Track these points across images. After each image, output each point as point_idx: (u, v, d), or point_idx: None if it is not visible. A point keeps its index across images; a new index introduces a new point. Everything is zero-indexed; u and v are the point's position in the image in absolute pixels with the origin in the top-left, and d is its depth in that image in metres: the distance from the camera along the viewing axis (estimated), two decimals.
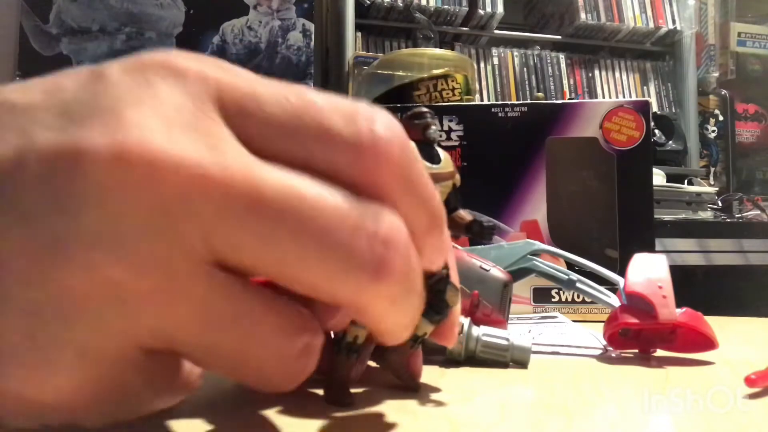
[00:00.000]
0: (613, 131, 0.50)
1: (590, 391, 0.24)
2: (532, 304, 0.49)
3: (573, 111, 0.51)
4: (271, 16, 1.47)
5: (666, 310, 0.30)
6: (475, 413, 0.22)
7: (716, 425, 0.21)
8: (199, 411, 0.20)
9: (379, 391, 0.23)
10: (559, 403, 0.23)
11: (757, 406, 0.23)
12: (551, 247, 0.41)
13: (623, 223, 0.50)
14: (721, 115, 1.88)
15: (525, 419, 0.21)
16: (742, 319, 0.46)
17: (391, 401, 0.22)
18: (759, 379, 0.24)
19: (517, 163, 0.51)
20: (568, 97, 1.70)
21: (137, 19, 1.38)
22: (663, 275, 0.31)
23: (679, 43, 1.82)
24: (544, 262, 0.39)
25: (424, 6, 1.60)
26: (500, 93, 1.69)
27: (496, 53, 1.72)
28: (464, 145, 0.51)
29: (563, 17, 1.77)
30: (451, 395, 0.23)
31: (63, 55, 1.33)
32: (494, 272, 0.35)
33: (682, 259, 1.16)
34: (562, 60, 1.76)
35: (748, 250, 1.20)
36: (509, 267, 0.38)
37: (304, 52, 1.47)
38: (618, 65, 1.81)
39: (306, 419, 0.20)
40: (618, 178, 0.50)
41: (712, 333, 0.31)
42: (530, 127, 0.51)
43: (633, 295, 0.31)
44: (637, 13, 1.76)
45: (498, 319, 0.32)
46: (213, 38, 1.42)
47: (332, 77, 1.57)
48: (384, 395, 0.23)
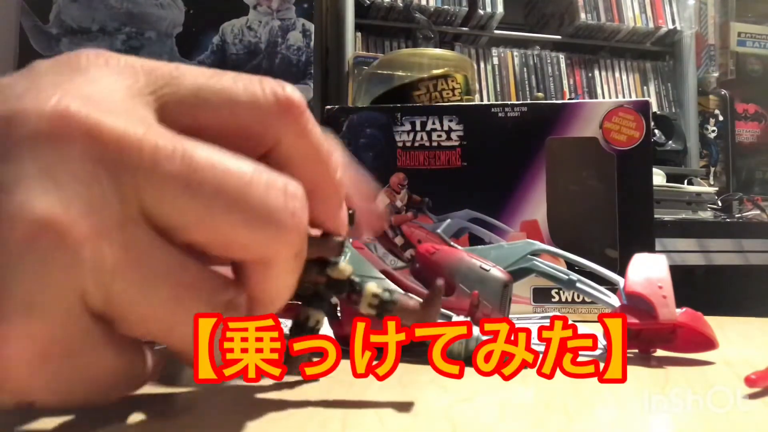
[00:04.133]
0: (613, 131, 0.50)
1: (590, 391, 0.24)
2: (532, 304, 0.49)
3: (573, 111, 0.51)
4: (271, 16, 1.47)
5: (666, 310, 0.30)
6: (475, 413, 0.22)
7: (716, 425, 0.21)
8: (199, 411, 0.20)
9: (379, 391, 0.23)
10: (559, 403, 0.23)
11: (757, 406, 0.23)
12: (551, 247, 0.41)
13: (623, 223, 0.50)
14: (721, 115, 1.88)
15: (525, 419, 0.21)
16: (742, 319, 0.46)
17: (391, 401, 0.22)
18: (759, 379, 0.24)
19: (517, 163, 0.51)
20: (568, 97, 1.70)
21: (137, 19, 1.38)
22: (663, 275, 0.31)
23: (679, 43, 1.82)
24: (544, 262, 0.39)
25: (424, 6, 1.60)
26: (500, 93, 1.69)
27: (496, 53, 1.72)
28: (464, 145, 0.51)
29: (563, 17, 1.77)
30: (451, 395, 0.23)
31: None
32: (494, 272, 0.35)
33: (682, 259, 1.16)
34: (562, 60, 1.76)
35: (748, 250, 1.20)
36: (509, 267, 0.38)
37: (304, 52, 1.47)
38: (618, 65, 1.81)
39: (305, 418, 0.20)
40: (618, 178, 0.50)
41: (712, 333, 0.31)
42: (530, 127, 0.51)
43: (633, 295, 0.31)
44: (637, 13, 1.76)
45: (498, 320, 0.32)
46: (213, 38, 1.42)
47: (332, 77, 1.57)
48: (384, 395, 0.23)
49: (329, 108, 0.55)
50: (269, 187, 0.17)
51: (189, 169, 0.16)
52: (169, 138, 0.16)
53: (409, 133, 0.52)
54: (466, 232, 0.51)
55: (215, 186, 0.16)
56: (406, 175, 0.52)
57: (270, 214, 0.17)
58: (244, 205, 0.16)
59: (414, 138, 0.52)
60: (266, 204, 0.17)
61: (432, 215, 0.51)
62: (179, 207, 0.16)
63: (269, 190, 0.17)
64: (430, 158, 0.52)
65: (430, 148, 0.52)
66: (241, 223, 0.16)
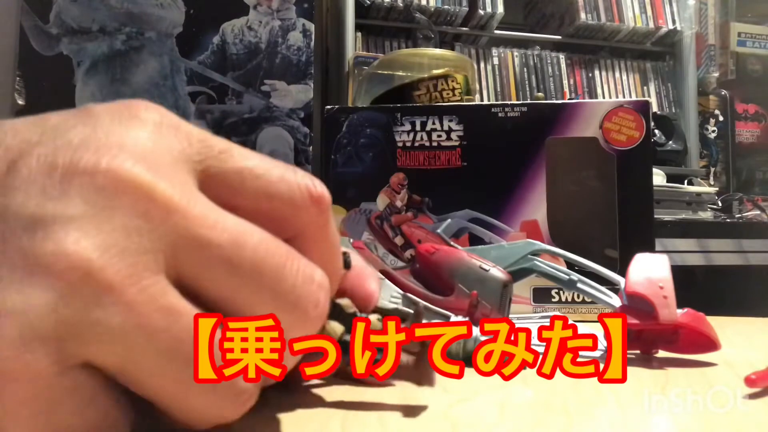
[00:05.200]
0: (613, 131, 0.50)
1: (590, 391, 0.24)
2: (532, 304, 0.49)
3: (573, 111, 0.51)
4: (271, 16, 1.47)
5: (666, 311, 0.30)
6: (475, 413, 0.22)
7: (716, 425, 0.21)
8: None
9: (379, 391, 0.23)
10: (559, 403, 0.23)
11: (757, 406, 0.23)
12: (552, 247, 0.41)
13: (623, 223, 0.50)
14: (721, 115, 1.88)
15: (525, 419, 0.21)
16: (742, 319, 0.46)
17: (390, 401, 0.22)
18: (759, 379, 0.24)
19: (517, 163, 0.51)
20: (568, 97, 1.70)
21: (137, 19, 1.38)
22: (664, 275, 0.31)
23: (679, 43, 1.82)
24: (545, 262, 0.39)
25: (424, 6, 1.60)
26: (500, 93, 1.69)
27: (496, 53, 1.72)
28: (464, 145, 0.51)
29: (563, 17, 1.77)
30: (451, 395, 0.23)
31: (63, 55, 1.33)
32: (494, 272, 0.35)
33: (682, 259, 1.15)
34: (562, 60, 1.76)
35: (748, 250, 1.20)
36: (510, 267, 0.38)
37: (304, 52, 1.47)
38: (618, 65, 1.81)
39: (305, 418, 0.20)
40: (618, 178, 0.50)
41: (714, 334, 0.30)
42: (530, 127, 0.51)
43: (633, 296, 0.31)
44: (637, 13, 1.76)
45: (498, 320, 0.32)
46: (213, 38, 1.42)
47: (332, 77, 1.57)
48: (384, 395, 0.23)
49: (329, 108, 0.55)
50: (301, 273, 0.17)
51: (233, 245, 0.16)
52: (213, 209, 0.17)
53: (409, 133, 0.52)
54: (466, 232, 0.51)
55: (254, 264, 0.16)
56: (406, 175, 0.52)
57: (298, 301, 0.17)
58: (277, 288, 0.17)
59: (414, 138, 0.52)
60: (296, 290, 0.17)
61: (432, 215, 0.51)
62: (215, 279, 0.16)
63: (300, 277, 0.17)
64: (430, 158, 0.52)
65: (430, 148, 0.52)
66: (270, 303, 0.17)
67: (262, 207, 0.18)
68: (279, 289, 0.17)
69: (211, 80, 1.40)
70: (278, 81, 1.44)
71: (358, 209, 0.53)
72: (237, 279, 0.16)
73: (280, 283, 0.17)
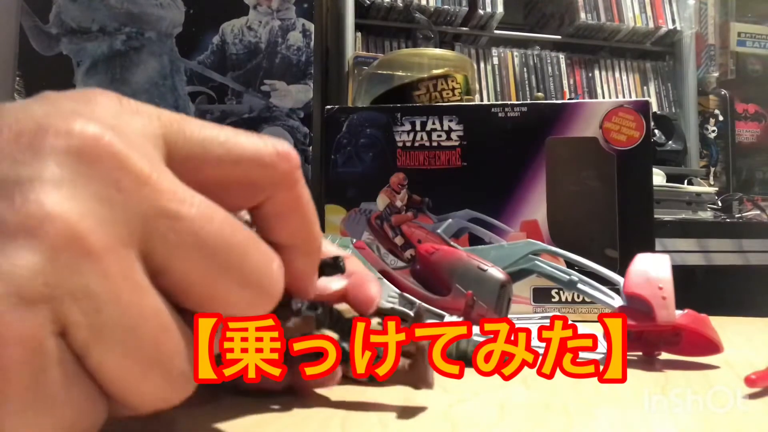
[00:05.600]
0: (613, 131, 0.50)
1: (590, 391, 0.24)
2: (532, 304, 0.49)
3: (573, 111, 0.51)
4: (271, 16, 1.46)
5: (665, 312, 0.29)
6: (475, 413, 0.22)
7: (716, 425, 0.21)
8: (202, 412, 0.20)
9: (379, 391, 0.23)
10: (559, 403, 0.23)
11: (757, 406, 0.23)
12: (552, 247, 0.41)
13: (623, 223, 0.50)
14: (721, 115, 1.88)
15: (525, 419, 0.21)
16: (742, 319, 0.46)
17: (390, 401, 0.22)
18: (759, 379, 0.24)
19: (517, 163, 0.51)
20: (568, 97, 1.70)
21: (137, 19, 1.38)
22: (664, 276, 0.31)
23: (679, 43, 1.82)
24: (545, 262, 0.39)
25: (424, 6, 1.60)
26: (500, 93, 1.69)
27: (496, 53, 1.72)
28: (464, 145, 0.51)
29: (563, 17, 1.77)
30: (451, 395, 0.23)
31: (63, 55, 1.33)
32: (492, 272, 0.35)
33: (682, 259, 1.15)
34: (562, 60, 1.76)
35: (748, 250, 1.20)
36: (510, 267, 0.38)
37: (304, 52, 1.47)
38: (618, 65, 1.81)
39: (305, 418, 0.20)
40: (618, 178, 0.50)
41: (716, 336, 0.30)
42: (530, 127, 0.51)
43: (632, 296, 0.31)
44: (637, 13, 1.76)
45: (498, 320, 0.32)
46: (213, 38, 1.42)
47: (332, 77, 1.57)
48: (384, 395, 0.23)
49: (329, 108, 0.55)
50: (262, 252, 0.18)
51: (201, 218, 0.16)
52: (181, 185, 0.17)
53: (409, 133, 0.52)
54: (466, 232, 0.51)
55: (222, 240, 0.17)
56: (406, 175, 0.52)
57: (261, 279, 0.17)
58: (243, 265, 0.17)
59: (414, 138, 0.52)
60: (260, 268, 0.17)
61: (432, 215, 0.51)
62: (183, 254, 0.16)
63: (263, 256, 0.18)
64: (430, 158, 0.52)
65: (430, 148, 0.52)
66: (235, 280, 0.17)
67: (231, 173, 0.18)
68: (244, 266, 0.17)
69: (211, 80, 1.40)
70: (278, 81, 1.44)
71: (358, 209, 0.53)
72: (204, 253, 0.16)
73: (246, 259, 0.17)
